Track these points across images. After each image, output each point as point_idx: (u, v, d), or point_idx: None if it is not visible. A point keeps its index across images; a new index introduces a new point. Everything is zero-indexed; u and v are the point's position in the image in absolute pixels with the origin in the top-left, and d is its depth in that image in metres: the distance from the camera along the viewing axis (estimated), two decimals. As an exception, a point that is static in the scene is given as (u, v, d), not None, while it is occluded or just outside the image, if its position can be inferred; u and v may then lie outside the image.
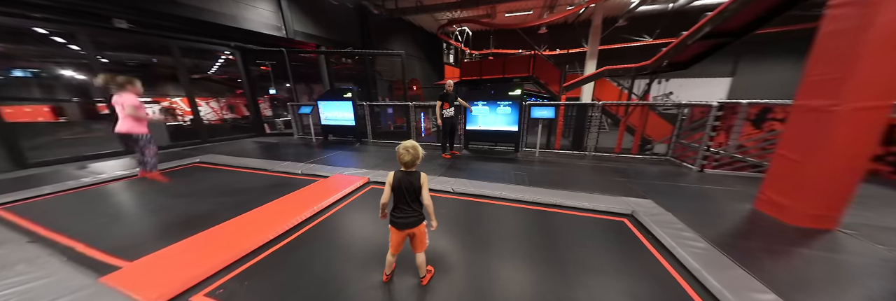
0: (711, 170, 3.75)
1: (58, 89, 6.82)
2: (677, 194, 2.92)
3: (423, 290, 1.50)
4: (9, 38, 4.37)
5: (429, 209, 1.43)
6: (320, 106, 5.60)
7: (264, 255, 1.88)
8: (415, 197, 1.41)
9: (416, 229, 1.45)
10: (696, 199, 2.79)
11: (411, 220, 1.42)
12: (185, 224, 2.30)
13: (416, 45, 12.54)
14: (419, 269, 1.53)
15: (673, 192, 2.96)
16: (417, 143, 1.42)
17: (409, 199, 1.40)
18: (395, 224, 1.43)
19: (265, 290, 1.52)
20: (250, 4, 5.98)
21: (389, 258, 1.52)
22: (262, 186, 3.24)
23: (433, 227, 1.49)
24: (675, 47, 5.16)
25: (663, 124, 6.97)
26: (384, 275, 1.56)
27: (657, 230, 2.08)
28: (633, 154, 4.89)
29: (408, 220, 1.41)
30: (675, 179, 3.42)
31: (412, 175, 1.40)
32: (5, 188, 3.03)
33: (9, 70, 5.90)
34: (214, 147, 5.58)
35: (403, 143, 1.39)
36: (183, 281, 1.53)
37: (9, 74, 5.18)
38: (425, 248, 1.50)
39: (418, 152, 1.38)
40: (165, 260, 1.75)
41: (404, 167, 1.41)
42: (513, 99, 4.53)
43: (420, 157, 1.40)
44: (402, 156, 1.37)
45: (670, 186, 3.17)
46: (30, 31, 4.40)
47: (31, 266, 1.63)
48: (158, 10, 4.85)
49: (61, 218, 2.42)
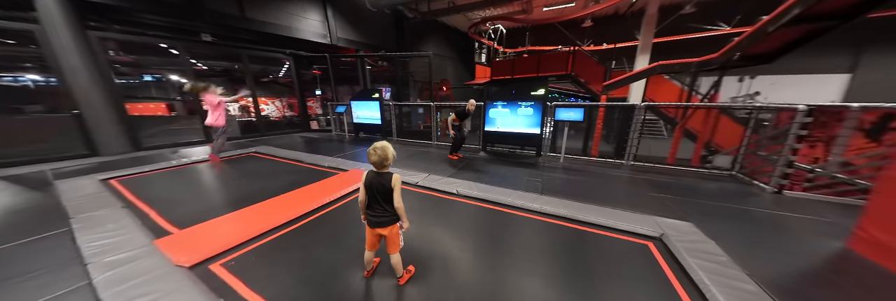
0: (796, 192, 2.96)
1: (166, 91, 8.61)
2: (733, 219, 2.35)
3: (398, 289, 1.52)
4: (137, 51, 5.69)
5: (399, 211, 1.43)
6: (353, 106, 6.04)
7: (275, 236, 2.13)
8: (386, 197, 1.41)
9: (386, 230, 1.46)
10: (759, 228, 2.20)
11: (382, 220, 1.44)
12: (228, 203, 2.73)
13: (449, 46, 12.61)
14: (395, 269, 1.54)
15: (727, 216, 2.40)
16: (389, 144, 1.40)
17: (380, 199, 1.42)
18: (368, 222, 1.48)
19: (266, 269, 1.74)
20: (303, 16, 6.74)
21: (367, 255, 1.57)
22: (294, 175, 3.66)
23: (404, 229, 1.50)
24: (750, 36, 4.19)
25: (740, 131, 5.68)
26: (365, 271, 1.62)
27: (689, 261, 1.69)
28: (693, 167, 3.96)
29: (379, 219, 1.44)
30: (737, 201, 2.75)
31: (383, 176, 1.40)
32: (124, 164, 3.99)
33: (141, 76, 7.68)
34: (270, 140, 6.45)
35: (375, 143, 1.40)
36: (207, 251, 1.84)
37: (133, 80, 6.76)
38: (398, 249, 1.50)
39: (386, 153, 1.35)
40: (203, 231, 2.12)
41: (374, 167, 1.42)
42: (535, 99, 4.25)
43: (389, 158, 1.37)
44: (370, 156, 1.38)
45: (726, 208, 2.56)
46: (149, 45, 5.66)
47: (117, 226, 2.12)
48: (233, 25, 5.78)
49: (149, 190, 3.09)
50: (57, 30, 3.99)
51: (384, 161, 1.37)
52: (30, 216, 2.37)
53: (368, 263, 1.60)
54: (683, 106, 5.16)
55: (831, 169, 2.85)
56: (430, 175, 3.49)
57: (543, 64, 9.55)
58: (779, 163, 3.02)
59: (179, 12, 5.13)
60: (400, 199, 1.41)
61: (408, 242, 1.94)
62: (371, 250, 1.56)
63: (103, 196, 2.76)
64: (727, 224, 2.26)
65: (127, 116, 4.96)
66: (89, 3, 4.25)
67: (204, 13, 5.34)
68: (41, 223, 2.21)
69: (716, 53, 5.10)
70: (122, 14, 4.76)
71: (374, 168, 1.42)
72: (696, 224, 2.17)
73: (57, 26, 3.98)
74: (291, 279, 1.62)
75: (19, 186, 3.09)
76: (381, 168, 1.40)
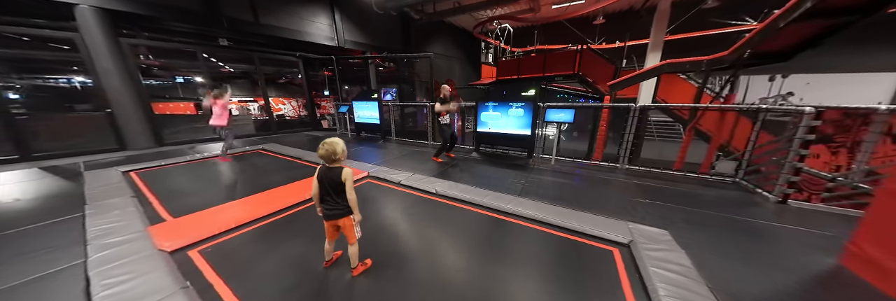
0: (803, 202, 2.72)
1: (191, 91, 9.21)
2: (720, 229, 2.19)
3: (349, 280, 1.59)
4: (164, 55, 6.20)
5: (351, 203, 1.49)
6: (354, 106, 6.23)
7: (256, 226, 2.28)
8: (337, 190, 1.47)
9: (340, 221, 1.54)
10: (746, 240, 2.05)
11: (334, 213, 1.51)
12: (225, 195, 2.94)
13: (455, 46, 12.59)
14: (350, 260, 1.62)
15: (714, 226, 2.24)
16: (340, 139, 1.44)
17: (332, 192, 1.48)
18: (323, 214, 1.56)
19: (237, 256, 1.88)
20: (312, 20, 7.02)
21: (326, 246, 1.66)
22: (292, 171, 3.85)
23: (356, 221, 1.56)
24: (761, 32, 3.90)
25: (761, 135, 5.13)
26: (325, 261, 1.70)
27: (649, 270, 1.62)
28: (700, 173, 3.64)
29: (332, 211, 1.51)
30: (732, 210, 2.53)
31: (333, 171, 1.45)
32: (146, 158, 4.37)
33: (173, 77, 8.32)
34: (280, 138, 6.80)
35: (326, 138, 1.44)
36: (190, 238, 2.01)
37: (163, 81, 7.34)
38: (355, 240, 1.57)
39: (334, 148, 1.39)
40: (192, 220, 2.31)
41: (324, 161, 1.47)
42: (526, 100, 4.18)
43: (337, 153, 1.40)
44: (318, 150, 1.42)
45: (715, 217, 2.38)
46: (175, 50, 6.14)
47: (121, 213, 2.36)
48: (249, 30, 6.15)
49: (161, 182, 3.39)
50: (93, 37, 4.44)
51: (332, 155, 1.41)
52: (56, 202, 2.69)
53: (328, 254, 1.68)
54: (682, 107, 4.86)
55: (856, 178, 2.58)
56: (414, 174, 3.55)
57: (550, 63, 9.28)
58: (783, 170, 2.79)
59: (201, 19, 5.53)
60: (352, 192, 1.47)
61: (373, 237, 2.01)
62: (330, 240, 1.64)
63: (120, 186, 3.06)
64: (710, 234, 2.13)
65: (153, 115, 5.43)
66: (122, 13, 4.69)
67: (222, 20, 5.72)
68: (63, 208, 2.51)
69: (726, 51, 4.78)
70: (150, 22, 5.22)
71: (325, 162, 1.47)
72: (673, 232, 2.07)
73: (93, 34, 4.43)
74: (256, 266, 1.75)
75: (54, 176, 3.50)
76: (331, 162, 1.45)
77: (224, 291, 1.52)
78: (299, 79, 8.05)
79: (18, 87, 5.58)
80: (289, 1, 6.63)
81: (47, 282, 1.57)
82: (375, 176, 3.56)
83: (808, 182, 3.58)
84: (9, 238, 2.03)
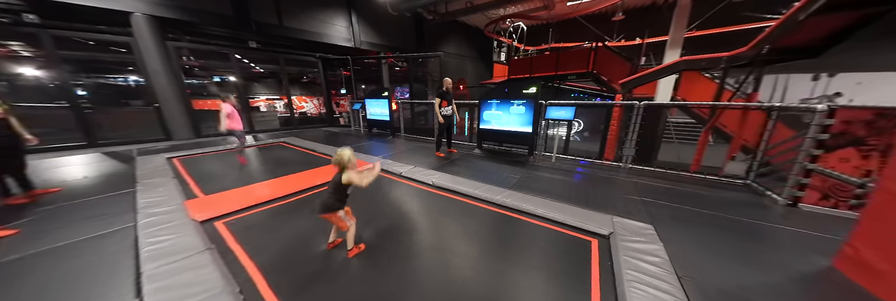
0: (817, 206, 2.56)
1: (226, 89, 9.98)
2: (710, 227, 2.13)
3: (343, 261, 1.74)
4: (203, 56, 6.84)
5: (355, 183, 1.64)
6: (366, 103, 6.53)
7: (273, 205, 2.56)
8: (334, 189, 1.65)
9: (325, 216, 1.69)
10: (739, 239, 1.98)
11: (321, 208, 1.68)
12: (248, 179, 3.29)
13: (468, 45, 12.62)
14: (347, 243, 1.80)
15: (706, 224, 2.18)
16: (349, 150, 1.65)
17: (331, 188, 1.67)
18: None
19: (255, 229, 2.15)
20: (332, 23, 7.41)
21: (332, 232, 1.86)
22: (305, 162, 4.18)
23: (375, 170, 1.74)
24: (781, 26, 3.62)
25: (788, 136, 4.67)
26: (328, 243, 1.88)
27: (621, 259, 1.65)
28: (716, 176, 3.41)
29: (320, 205, 1.68)
30: (732, 210, 2.42)
31: (337, 175, 1.65)
32: (186, 147, 4.91)
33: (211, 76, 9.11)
34: (300, 132, 7.27)
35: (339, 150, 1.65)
36: (217, 211, 2.32)
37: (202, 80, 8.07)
38: (345, 227, 1.74)
39: (340, 158, 1.62)
40: (220, 198, 2.64)
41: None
42: (527, 97, 4.22)
43: (343, 162, 1.62)
44: (332, 159, 1.66)
45: (710, 216, 2.30)
46: (212, 52, 6.75)
47: (165, 190, 2.75)
48: (274, 33, 6.62)
49: (196, 167, 3.82)
50: (144, 41, 5.04)
51: (339, 164, 1.64)
52: (115, 179, 3.16)
53: (331, 236, 1.88)
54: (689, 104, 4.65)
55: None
56: (415, 167, 3.73)
57: (563, 61, 9.04)
58: (792, 171, 2.65)
59: (234, 24, 6.05)
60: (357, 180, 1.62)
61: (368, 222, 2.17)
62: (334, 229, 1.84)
63: (164, 169, 3.51)
64: (699, 231, 2.06)
65: (192, 110, 6.04)
66: (169, 20, 5.27)
67: (251, 24, 6.22)
68: (119, 185, 2.95)
69: (744, 47, 4.51)
70: (192, 27, 5.79)
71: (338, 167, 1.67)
72: (658, 228, 2.07)
73: (144, 38, 5.02)
74: (269, 239, 2.00)
75: (113, 160, 4.06)
76: (340, 168, 1.65)
77: (241, 254, 1.78)
78: (319, 78, 8.53)
79: (86, 84, 6.38)
80: (310, 5, 7.04)
81: (105, 238, 1.92)
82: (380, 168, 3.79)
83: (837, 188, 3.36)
84: (79, 205, 2.45)
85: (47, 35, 4.51)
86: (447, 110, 4.21)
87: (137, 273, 1.52)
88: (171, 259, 1.61)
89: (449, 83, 4.19)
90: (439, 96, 4.14)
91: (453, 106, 4.35)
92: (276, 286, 1.49)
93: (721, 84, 5.67)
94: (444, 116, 4.22)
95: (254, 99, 11.90)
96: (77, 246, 1.83)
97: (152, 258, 1.62)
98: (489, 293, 1.46)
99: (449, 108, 4.22)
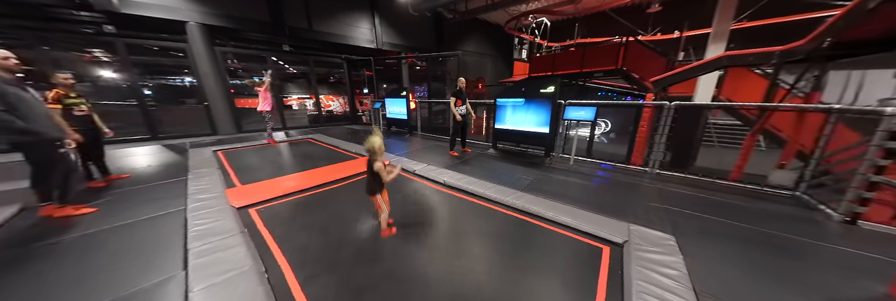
0: (882, 225, 2.18)
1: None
2: (742, 241, 1.90)
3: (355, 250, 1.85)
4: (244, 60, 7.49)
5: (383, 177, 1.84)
6: (386, 102, 6.74)
7: (299, 196, 2.79)
8: (369, 174, 1.85)
9: (371, 197, 1.91)
10: (776, 256, 1.73)
11: (366, 190, 1.91)
12: (279, 171, 3.59)
13: (488, 43, 12.41)
14: (380, 224, 2.00)
15: (737, 238, 1.94)
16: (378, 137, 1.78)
17: (369, 175, 1.87)
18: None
19: (282, 216, 2.37)
20: (356, 26, 7.72)
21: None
22: (328, 157, 4.45)
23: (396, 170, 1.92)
24: (846, 16, 3.12)
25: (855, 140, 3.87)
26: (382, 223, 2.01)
27: (632, 270, 1.52)
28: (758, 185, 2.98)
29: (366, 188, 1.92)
30: (775, 224, 2.12)
31: (370, 162, 1.82)
32: (229, 142, 5.44)
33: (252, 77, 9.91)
34: (326, 129, 7.70)
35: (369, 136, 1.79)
36: (252, 199, 2.58)
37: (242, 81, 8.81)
38: (381, 211, 1.94)
39: (372, 145, 1.76)
40: (255, 187, 2.93)
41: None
42: (545, 96, 4.08)
43: (371, 148, 1.76)
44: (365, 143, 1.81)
45: (745, 230, 2.04)
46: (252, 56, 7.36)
47: (210, 179, 3.09)
48: (304, 36, 7.05)
49: (236, 159, 4.24)
50: (197, 46, 5.63)
51: (369, 150, 1.80)
52: (172, 168, 3.62)
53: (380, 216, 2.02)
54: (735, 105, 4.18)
55: None
56: (428, 165, 3.80)
57: (589, 58, 8.49)
58: (853, 183, 2.28)
59: (270, 29, 6.54)
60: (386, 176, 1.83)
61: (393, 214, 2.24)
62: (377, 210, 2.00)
63: (210, 160, 3.94)
64: (729, 245, 1.84)
65: (235, 108, 6.65)
66: (217, 27, 5.84)
67: (285, 29, 6.67)
68: (176, 173, 3.38)
69: (801, 40, 3.96)
70: (235, 33, 6.36)
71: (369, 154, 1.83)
72: (680, 239, 1.91)
73: (197, 44, 5.62)
74: (293, 224, 2.20)
75: (170, 151, 4.63)
76: (372, 154, 1.80)
77: (268, 238, 1.98)
78: (344, 78, 8.93)
79: (151, 85, 7.25)
80: (336, 9, 7.39)
81: (162, 218, 2.23)
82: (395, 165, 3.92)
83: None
84: (143, 190, 2.86)
85: (121, 43, 5.22)
86: (462, 109, 4.23)
87: (185, 249, 1.76)
88: (212, 239, 1.84)
89: (463, 82, 4.22)
90: (454, 95, 4.18)
91: (468, 105, 4.35)
92: (296, 268, 1.65)
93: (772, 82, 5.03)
94: (461, 115, 4.24)
95: (287, 98, 12.78)
96: (141, 224, 2.15)
97: (197, 237, 1.86)
98: (486, 293, 1.47)
99: (464, 107, 4.24)
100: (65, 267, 1.63)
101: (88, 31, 4.98)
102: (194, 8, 5.49)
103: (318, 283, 1.52)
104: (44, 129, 2.00)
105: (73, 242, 1.88)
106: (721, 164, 6.22)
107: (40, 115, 2.01)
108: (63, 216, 2.18)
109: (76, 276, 1.55)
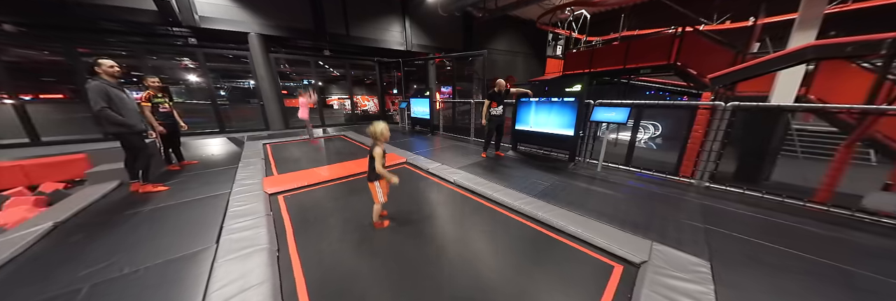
0: None
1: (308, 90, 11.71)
2: (806, 276, 1.52)
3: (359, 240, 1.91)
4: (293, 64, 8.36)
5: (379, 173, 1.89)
6: (411, 102, 6.90)
7: (322, 186, 3.04)
8: (370, 160, 1.88)
9: (368, 184, 1.96)
10: (847, 296, 1.39)
11: (366, 178, 1.97)
12: (312, 163, 3.95)
13: (519, 41, 11.83)
14: (372, 215, 2.05)
15: (800, 271, 1.56)
16: (382, 123, 1.84)
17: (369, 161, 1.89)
18: None
19: (304, 202, 2.61)
20: (388, 29, 8.03)
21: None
22: (353, 153, 4.75)
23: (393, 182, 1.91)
24: None
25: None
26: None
27: (645, 295, 1.32)
28: (849, 209, 2.30)
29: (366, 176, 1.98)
30: (860, 260, 1.66)
31: (372, 148, 1.87)
32: (277, 136, 6.17)
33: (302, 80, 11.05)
34: (357, 127, 8.22)
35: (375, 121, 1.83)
36: (282, 187, 2.89)
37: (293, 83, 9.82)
38: (376, 201, 1.99)
39: (374, 130, 1.82)
40: (288, 176, 3.27)
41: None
42: (571, 96, 3.73)
43: (375, 134, 1.82)
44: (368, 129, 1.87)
45: (816, 263, 1.63)
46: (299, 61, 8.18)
47: (254, 168, 3.54)
48: (343, 41, 7.58)
49: (279, 151, 4.77)
50: (256, 53, 6.45)
51: (371, 134, 1.85)
52: (229, 158, 4.23)
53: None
54: (814, 108, 3.30)
55: None
56: (443, 164, 3.79)
57: (635, 52, 7.34)
58: None
59: (313, 36, 7.18)
60: (379, 165, 1.86)
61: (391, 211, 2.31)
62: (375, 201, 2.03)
63: (258, 152, 4.51)
64: (785, 279, 1.47)
65: (284, 107, 7.48)
66: (272, 37, 6.61)
67: (326, 35, 7.25)
68: (231, 161, 3.94)
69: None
70: (285, 41, 7.12)
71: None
72: (719, 266, 1.54)
73: (256, 51, 6.43)
74: (312, 211, 2.40)
75: (232, 144, 5.40)
76: (375, 140, 1.86)
77: (287, 222, 2.21)
78: (376, 80, 9.40)
79: (224, 87, 8.51)
80: (370, 14, 7.77)
81: (212, 199, 2.62)
82: (411, 163, 3.99)
83: None
84: (205, 174, 3.40)
85: (201, 52, 6.23)
86: (497, 110, 4.02)
87: (221, 226, 2.04)
88: (243, 219, 2.11)
89: (502, 85, 3.94)
90: (489, 98, 3.97)
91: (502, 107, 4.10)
92: (302, 250, 1.80)
93: (880, 78, 3.87)
94: (494, 116, 4.04)
95: (329, 98, 13.94)
96: (197, 202, 2.56)
97: (232, 217, 2.15)
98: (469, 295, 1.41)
99: (500, 108, 4.03)
100: (139, 232, 2.02)
101: (177, 44, 6.06)
102: (254, 20, 6.30)
103: (316, 263, 1.65)
104: (134, 122, 2.51)
105: (147, 213, 2.33)
106: (806, 181, 4.94)
107: (131, 111, 2.53)
108: (145, 191, 2.72)
109: (145, 240, 1.91)
